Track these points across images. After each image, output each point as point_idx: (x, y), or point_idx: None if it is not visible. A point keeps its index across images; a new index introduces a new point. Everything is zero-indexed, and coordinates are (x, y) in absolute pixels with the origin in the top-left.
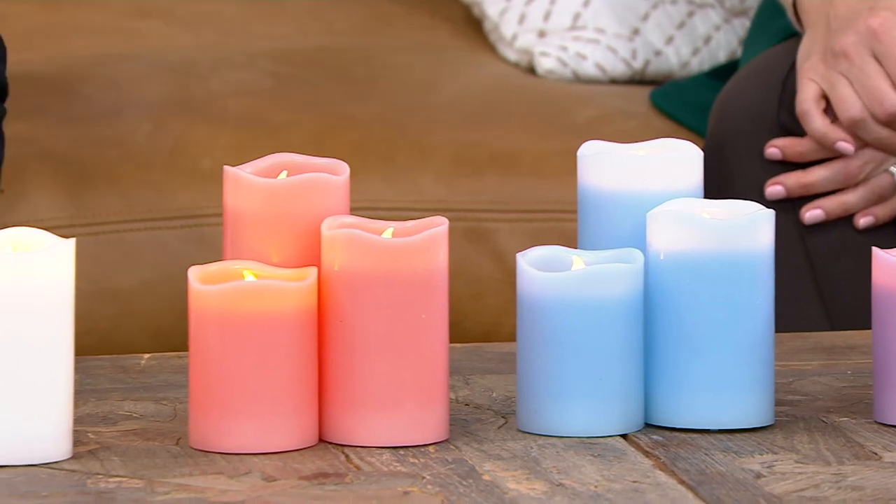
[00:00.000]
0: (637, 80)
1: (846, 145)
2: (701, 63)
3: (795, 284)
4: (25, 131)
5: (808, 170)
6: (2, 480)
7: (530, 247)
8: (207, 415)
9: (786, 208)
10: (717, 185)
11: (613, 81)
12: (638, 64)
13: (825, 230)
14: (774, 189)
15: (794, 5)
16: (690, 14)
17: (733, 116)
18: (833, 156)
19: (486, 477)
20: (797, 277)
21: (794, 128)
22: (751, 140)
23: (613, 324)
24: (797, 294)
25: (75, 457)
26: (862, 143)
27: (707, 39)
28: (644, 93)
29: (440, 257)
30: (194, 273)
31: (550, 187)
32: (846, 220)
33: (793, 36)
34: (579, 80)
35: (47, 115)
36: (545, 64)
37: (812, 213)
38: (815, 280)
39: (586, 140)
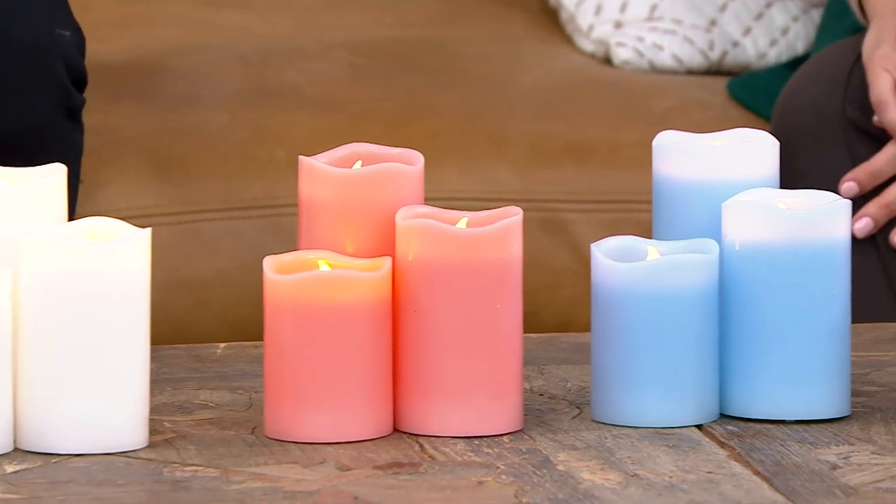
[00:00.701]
0: (714, 71)
1: None
2: (779, 54)
3: (866, 277)
4: (103, 121)
5: (872, 159)
6: (79, 469)
7: (605, 237)
8: (282, 404)
9: (855, 202)
10: (783, 179)
11: (690, 72)
12: (715, 55)
13: (893, 222)
14: (848, 186)
15: None
16: (768, 5)
17: (798, 111)
18: None
19: (560, 467)
20: (868, 270)
21: (860, 121)
22: (816, 135)
23: (688, 314)
24: (868, 287)
25: (151, 446)
26: None
27: (785, 31)
28: (720, 83)
29: (514, 247)
30: (269, 263)
31: (626, 177)
32: None
33: (859, 31)
34: (655, 70)
35: (124, 104)
36: (621, 55)
37: (860, 224)
38: (885, 273)
39: (662, 130)
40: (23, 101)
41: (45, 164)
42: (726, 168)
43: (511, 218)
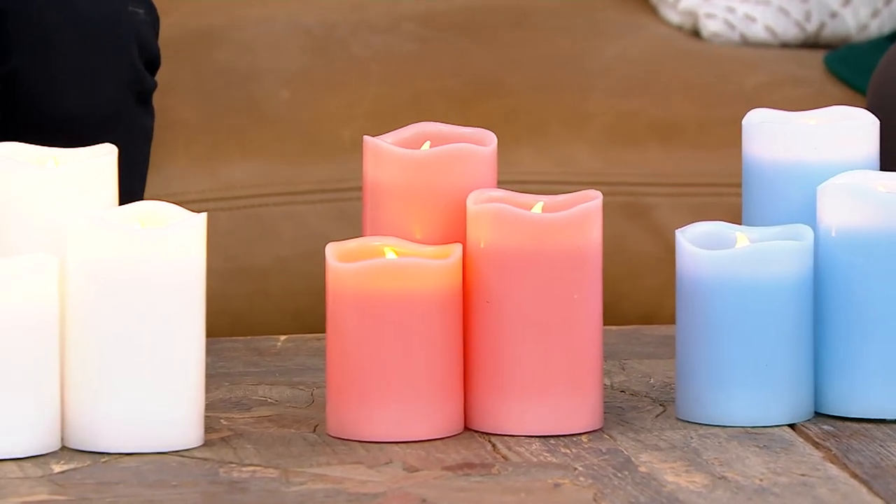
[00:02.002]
0: (810, 44)
1: None
2: (881, 26)
3: None
4: (156, 99)
5: None
6: (130, 469)
7: (692, 223)
8: (346, 401)
9: None
10: (882, 160)
11: (784, 45)
12: (811, 27)
13: None
14: None
15: None
16: None
17: (894, 86)
18: None
19: (642, 469)
20: None
21: None
22: None
23: (781, 305)
24: None
25: (207, 444)
26: None
27: (888, 0)
28: (817, 57)
29: (594, 234)
30: (332, 250)
31: (714, 159)
32: None
33: None
34: (747, 43)
35: (179, 82)
36: (710, 27)
37: None
38: None
39: (753, 108)
40: (91, 82)
41: None
42: (822, 148)
43: (590, 202)
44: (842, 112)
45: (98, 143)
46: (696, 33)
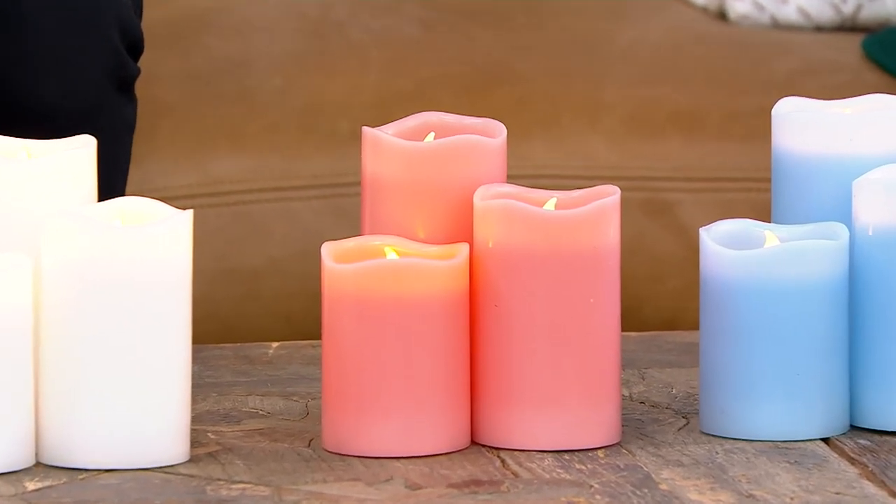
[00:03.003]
0: (847, 27)
1: None
2: None
3: None
4: (139, 87)
5: None
6: (110, 487)
7: (717, 220)
8: (343, 413)
9: None
10: None
11: (818, 29)
12: (848, 8)
13: None
14: None
15: None
16: None
17: None
18: None
19: (663, 486)
20: None
21: None
22: None
23: (813, 309)
24: None
25: (193, 460)
26: None
27: None
28: (854, 42)
29: (611, 232)
30: (328, 250)
31: (741, 151)
32: None
33: None
34: (778, 26)
35: (163, 68)
36: (738, 8)
37: None
38: None
39: (784, 96)
40: (68, 68)
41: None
42: (858, 140)
43: (607, 198)
44: (880, 101)
45: (75, 134)
46: (722, 15)
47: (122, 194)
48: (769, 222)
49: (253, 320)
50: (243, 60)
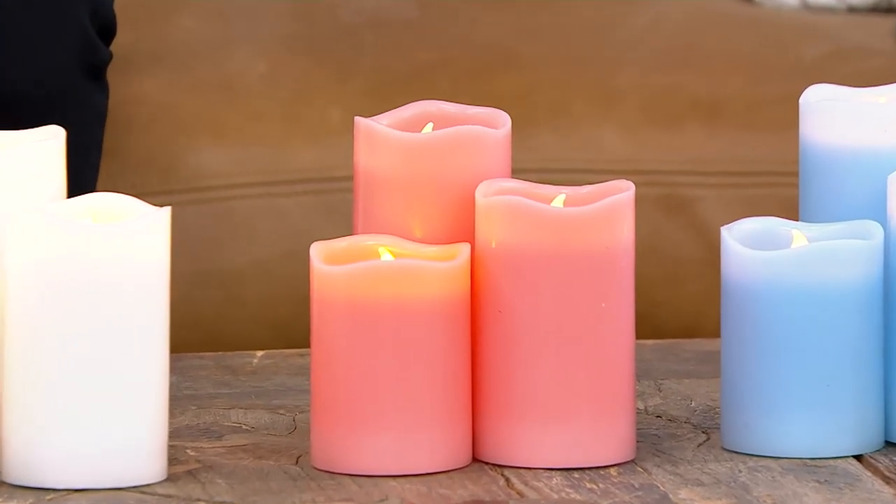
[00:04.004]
0: (882, 8)
1: None
2: None
3: None
4: (111, 73)
5: None
6: None
7: (739, 218)
8: (334, 427)
9: None
10: None
11: (851, 10)
12: None
13: None
14: None
15: None
16: None
17: None
18: None
19: None
20: None
21: None
22: None
23: (844, 315)
24: None
25: (170, 479)
26: None
27: None
28: (890, 24)
29: (625, 231)
30: (318, 250)
31: (766, 143)
32: None
33: None
34: (807, 8)
35: (138, 53)
36: None
37: None
38: None
39: (813, 83)
40: (35, 52)
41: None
42: (894, 131)
43: (621, 194)
44: None
45: (42, 123)
46: None
47: (93, 190)
48: (796, 220)
49: (236, 327)
50: (224, 44)
